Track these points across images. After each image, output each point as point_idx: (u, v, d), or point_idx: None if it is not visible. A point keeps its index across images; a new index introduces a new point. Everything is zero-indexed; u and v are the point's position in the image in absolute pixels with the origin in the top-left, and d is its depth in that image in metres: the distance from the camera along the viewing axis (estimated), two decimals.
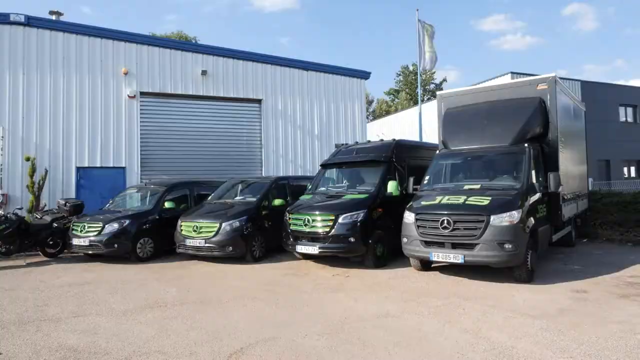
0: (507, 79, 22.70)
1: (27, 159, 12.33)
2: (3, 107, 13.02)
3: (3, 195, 11.48)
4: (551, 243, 8.70)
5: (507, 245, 6.74)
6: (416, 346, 4.57)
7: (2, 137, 12.87)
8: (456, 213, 7.14)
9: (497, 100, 9.06)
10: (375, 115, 52.22)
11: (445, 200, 7.51)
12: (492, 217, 6.84)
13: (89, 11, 74.99)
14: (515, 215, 6.86)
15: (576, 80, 26.72)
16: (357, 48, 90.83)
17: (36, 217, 10.86)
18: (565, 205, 8.90)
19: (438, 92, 10.30)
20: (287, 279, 7.92)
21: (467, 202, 7.24)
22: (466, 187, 7.89)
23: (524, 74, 22.79)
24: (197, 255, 9.88)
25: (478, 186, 7.77)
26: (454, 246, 7.13)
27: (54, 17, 14.56)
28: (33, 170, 12.14)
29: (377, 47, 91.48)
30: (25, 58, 13.36)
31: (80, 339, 5.03)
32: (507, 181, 7.75)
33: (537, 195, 7.66)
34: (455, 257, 7.04)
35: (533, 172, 7.71)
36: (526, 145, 7.97)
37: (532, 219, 7.28)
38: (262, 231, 9.94)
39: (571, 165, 9.87)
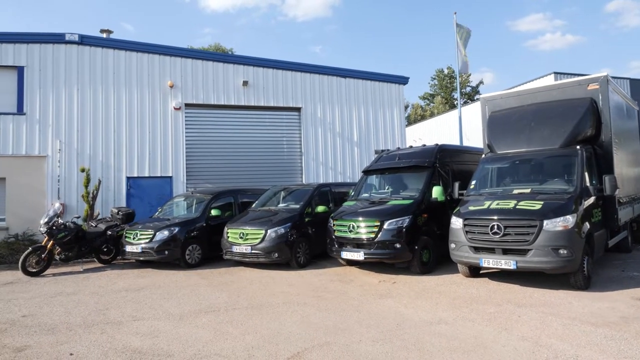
0: (550, 80, 21.98)
1: (82, 170, 12.99)
2: (60, 122, 13.86)
3: (61, 204, 12.11)
4: (607, 249, 8.36)
5: (562, 251, 6.54)
6: (474, 353, 4.50)
7: (60, 149, 13.66)
8: (507, 218, 6.98)
9: (544, 102, 8.83)
10: (410, 120, 51.68)
11: (494, 205, 7.36)
12: (545, 222, 6.66)
13: (131, 28, 78.43)
14: (569, 220, 6.65)
15: (624, 78, 25.51)
16: (389, 54, 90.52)
17: (91, 225, 11.40)
18: (622, 209, 8.54)
19: (481, 96, 10.12)
20: (333, 285, 7.97)
21: (517, 207, 7.07)
22: (515, 191, 7.71)
23: (567, 74, 22.01)
24: (243, 262, 10.10)
25: (528, 190, 7.59)
26: (505, 252, 6.98)
27: (104, 35, 15.37)
28: (88, 181, 12.75)
29: (409, 52, 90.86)
30: (79, 75, 14.19)
31: (143, 341, 5.26)
32: (559, 185, 7.52)
33: (592, 199, 7.40)
34: (507, 263, 6.88)
35: (586, 175, 7.46)
36: (578, 147, 7.73)
37: (587, 223, 7.04)
38: (306, 238, 10.05)
39: (626, 167, 9.46)
